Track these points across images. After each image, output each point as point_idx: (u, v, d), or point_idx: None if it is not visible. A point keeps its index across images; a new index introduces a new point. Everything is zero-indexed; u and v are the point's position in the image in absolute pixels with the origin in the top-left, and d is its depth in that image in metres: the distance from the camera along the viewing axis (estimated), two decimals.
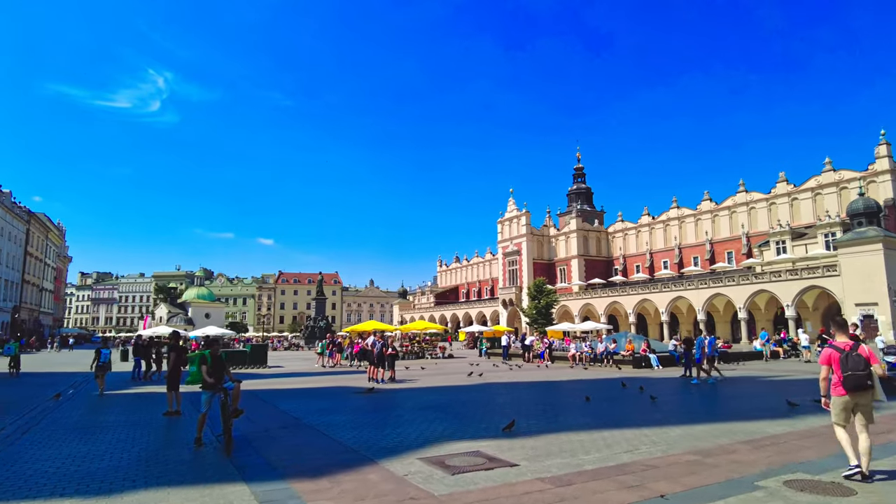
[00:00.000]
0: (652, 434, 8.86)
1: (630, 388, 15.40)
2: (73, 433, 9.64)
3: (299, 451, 7.98)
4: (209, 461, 7.43)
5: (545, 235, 78.98)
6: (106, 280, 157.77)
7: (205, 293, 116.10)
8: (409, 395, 14.98)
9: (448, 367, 26.18)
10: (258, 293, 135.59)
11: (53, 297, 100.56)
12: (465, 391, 15.76)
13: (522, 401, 13.42)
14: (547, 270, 75.42)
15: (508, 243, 79.89)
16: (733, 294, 48.08)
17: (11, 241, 73.62)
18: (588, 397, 13.11)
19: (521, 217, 77.81)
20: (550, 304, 53.58)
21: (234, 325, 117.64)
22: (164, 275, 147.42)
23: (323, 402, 13.52)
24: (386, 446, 8.18)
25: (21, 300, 77.95)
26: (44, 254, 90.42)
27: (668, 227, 67.00)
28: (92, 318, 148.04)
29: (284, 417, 11.16)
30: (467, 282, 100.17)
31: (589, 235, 75.43)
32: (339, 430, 9.53)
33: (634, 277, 66.31)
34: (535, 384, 18.14)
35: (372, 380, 18.46)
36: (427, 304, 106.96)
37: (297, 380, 20.68)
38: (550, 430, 9.37)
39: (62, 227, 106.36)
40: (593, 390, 15.32)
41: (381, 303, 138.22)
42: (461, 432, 9.25)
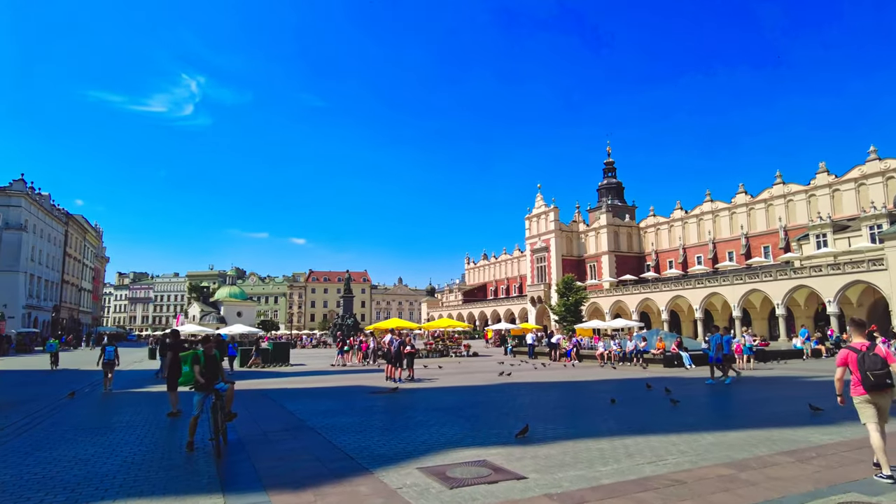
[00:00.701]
0: (680, 442, 8.02)
1: (656, 390, 14.46)
2: (69, 434, 9.28)
3: (293, 457, 7.40)
4: (194, 468, 6.91)
5: (574, 231, 77.44)
6: (142, 280, 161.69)
7: (236, 292, 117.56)
8: (424, 395, 14.35)
9: (471, 366, 25.48)
10: (289, 292, 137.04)
11: (92, 297, 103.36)
12: (483, 392, 15.05)
13: (542, 403, 12.64)
14: (576, 267, 73.96)
15: (536, 240, 78.62)
16: (770, 290, 46.11)
17: (51, 242, 75.70)
18: (614, 399, 12.26)
19: (550, 213, 76.46)
20: (579, 301, 52.32)
21: (266, 323, 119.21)
22: (198, 274, 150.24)
23: (333, 403, 12.99)
24: (386, 453, 7.54)
25: (61, 299, 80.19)
26: (82, 254, 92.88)
27: (701, 222, 64.89)
28: (129, 317, 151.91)
29: (289, 419, 10.65)
30: (495, 279, 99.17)
31: (620, 231, 73.65)
32: (341, 434, 8.94)
33: (667, 273, 64.39)
34: (558, 384, 17.30)
35: (389, 379, 17.91)
36: (455, 301, 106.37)
37: (314, 378, 20.26)
38: (568, 436, 8.60)
39: (99, 229, 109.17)
40: (619, 391, 14.46)
41: (409, 301, 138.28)
42: (471, 438, 8.57)
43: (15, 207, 63.30)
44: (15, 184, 64.32)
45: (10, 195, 63.26)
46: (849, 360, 6.08)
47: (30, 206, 65.97)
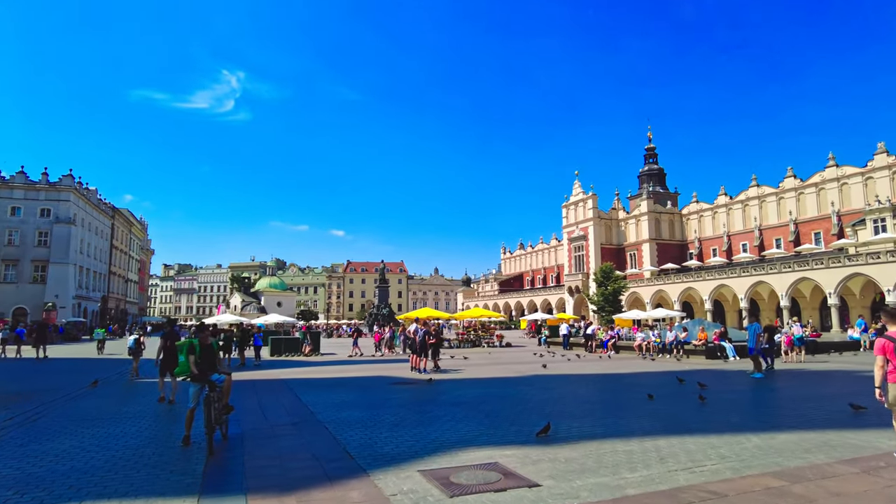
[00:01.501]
0: (721, 444, 7.09)
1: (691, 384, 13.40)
2: (71, 426, 8.97)
3: (290, 455, 6.83)
4: (181, 466, 6.39)
5: (614, 219, 75.40)
6: (186, 271, 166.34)
7: (276, 282, 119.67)
8: (446, 387, 13.66)
9: (501, 357, 24.68)
10: (328, 282, 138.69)
11: (138, 288, 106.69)
12: (508, 384, 14.27)
13: (570, 397, 11.77)
14: (616, 256, 72.04)
15: (574, 228, 76.91)
16: (822, 278, 43.60)
17: (98, 235, 78.11)
18: (651, 395, 11.31)
19: (588, 200, 74.61)
20: (618, 290, 50.75)
21: (305, 312, 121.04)
22: (240, 265, 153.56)
23: (350, 394, 12.45)
24: (391, 452, 6.90)
25: (109, 290, 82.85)
26: (128, 247, 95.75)
27: (747, 208, 62.05)
28: (174, 307, 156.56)
29: (301, 411, 10.14)
30: (532, 269, 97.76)
31: (661, 218, 71.27)
32: (348, 430, 8.35)
33: (710, 262, 61.92)
34: (590, 377, 16.36)
35: (414, 369, 17.33)
36: (491, 291, 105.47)
37: (340, 368, 19.87)
38: (595, 435, 7.77)
39: (144, 222, 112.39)
40: (656, 385, 13.49)
41: (445, 291, 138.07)
42: (486, 436, 7.84)
43: (64, 202, 65.43)
44: (64, 179, 66.45)
45: (59, 190, 65.42)
46: (886, 349, 5.96)
47: (78, 200, 68.06)
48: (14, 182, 64.36)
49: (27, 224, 63.76)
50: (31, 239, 63.69)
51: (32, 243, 63.66)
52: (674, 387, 13.21)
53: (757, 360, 16.21)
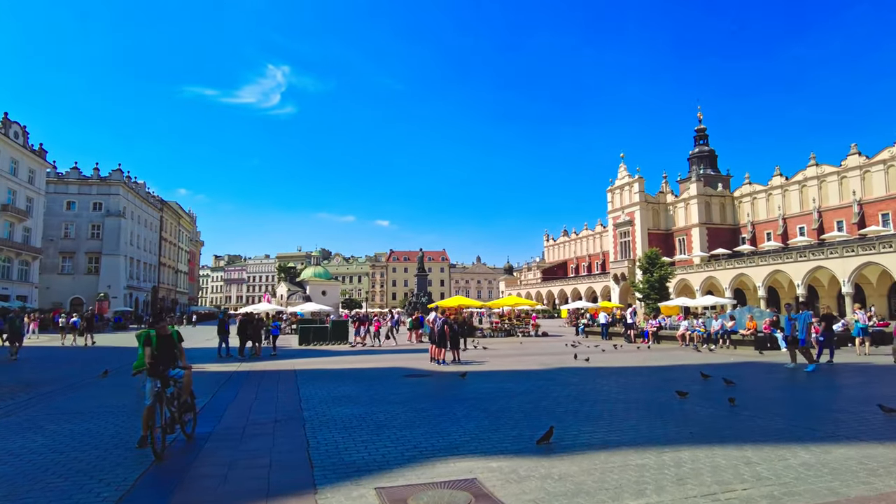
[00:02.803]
0: (759, 459, 5.78)
1: (747, 381, 11.94)
2: (45, 421, 8.42)
3: (245, 461, 5.97)
4: (115, 474, 5.56)
5: (661, 203, 72.18)
6: (236, 262, 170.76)
7: (321, 272, 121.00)
8: (458, 381, 12.58)
9: (531, 348, 23.38)
10: (371, 271, 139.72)
11: (188, 278, 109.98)
12: (528, 379, 13.05)
13: (590, 394, 10.47)
14: (664, 241, 68.97)
15: (620, 213, 74.15)
16: (891, 262, 40.13)
17: (148, 227, 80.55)
18: (684, 392, 9.94)
19: (634, 184, 71.65)
20: (665, 277, 48.36)
21: (350, 301, 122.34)
22: (286, 256, 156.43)
23: (354, 388, 11.56)
24: (358, 461, 5.92)
25: (159, 281, 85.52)
26: (177, 238, 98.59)
27: (804, 189, 58.03)
28: (224, 297, 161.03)
29: (289, 407, 9.32)
30: (576, 256, 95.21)
31: (712, 201, 67.70)
32: (327, 430, 7.44)
33: (764, 246, 58.25)
34: (622, 371, 14.95)
35: (433, 360, 16.36)
36: (533, 279, 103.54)
37: (360, 358, 19.06)
38: (605, 443, 6.57)
39: (193, 214, 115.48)
40: (692, 381, 12.04)
41: (487, 279, 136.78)
42: (478, 441, 6.75)
43: (114, 195, 67.57)
44: (113, 174, 68.59)
45: (109, 184, 67.59)
46: None
47: (127, 193, 70.16)
48: (69, 178, 66.84)
49: (81, 218, 66.17)
50: (85, 232, 66.12)
51: (86, 236, 66.08)
52: (711, 383, 11.73)
53: (808, 353, 14.52)
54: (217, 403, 9.92)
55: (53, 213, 63.44)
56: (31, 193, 54.70)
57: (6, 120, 50.49)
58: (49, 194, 61.22)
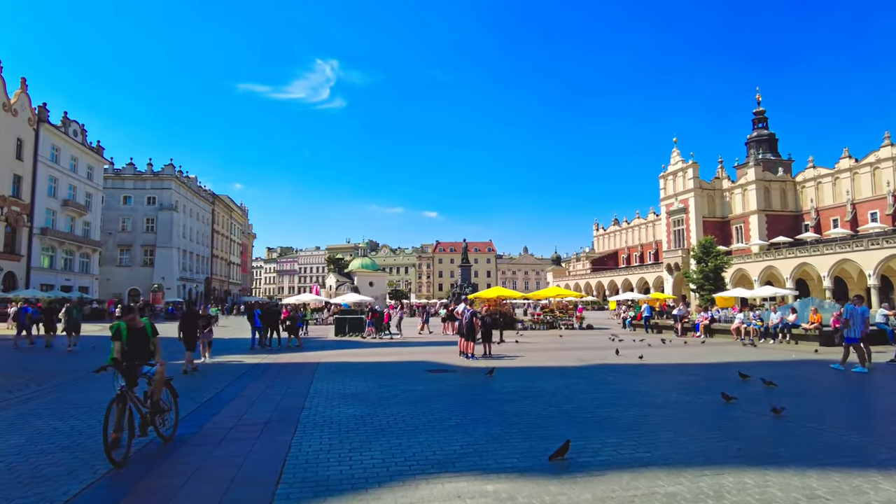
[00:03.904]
0: (827, 490, 4.58)
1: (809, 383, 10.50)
2: (44, 415, 8.00)
3: (208, 473, 5.26)
4: (58, 485, 4.94)
5: (717, 189, 68.56)
6: (288, 254, 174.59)
7: (368, 263, 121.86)
8: (483, 378, 11.62)
9: (571, 342, 22.10)
10: (418, 262, 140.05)
11: (241, 270, 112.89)
12: (560, 376, 11.93)
13: (624, 397, 9.30)
14: (719, 229, 65.56)
15: (673, 200, 70.98)
16: None
17: (200, 220, 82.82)
18: (729, 396, 8.70)
19: (688, 169, 68.33)
20: (720, 266, 45.75)
21: (396, 292, 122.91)
22: (335, 247, 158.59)
23: (369, 384, 10.79)
24: (333, 476, 5.10)
25: (212, 272, 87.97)
26: (229, 231, 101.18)
27: (876, 171, 53.65)
28: (277, 288, 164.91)
29: (290, 405, 8.64)
30: (627, 246, 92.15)
31: (771, 187, 63.76)
32: (318, 435, 6.68)
33: (830, 233, 54.29)
34: (665, 369, 13.61)
35: (462, 354, 15.47)
36: (582, 270, 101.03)
37: (389, 350, 18.37)
38: (633, 461, 5.51)
39: (244, 207, 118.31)
40: (744, 383, 10.68)
41: (535, 270, 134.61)
42: (480, 454, 5.81)
43: (166, 190, 69.68)
44: (165, 168, 70.72)
45: (162, 179, 69.71)
46: None
47: (179, 187, 72.22)
48: (125, 173, 69.31)
49: (137, 212, 68.55)
50: (141, 225, 68.50)
51: (142, 229, 68.46)
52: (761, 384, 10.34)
53: (861, 351, 12.85)
54: (220, 399, 9.36)
55: (111, 207, 65.96)
56: (90, 189, 56.86)
57: (66, 119, 52.52)
58: (107, 189, 63.61)
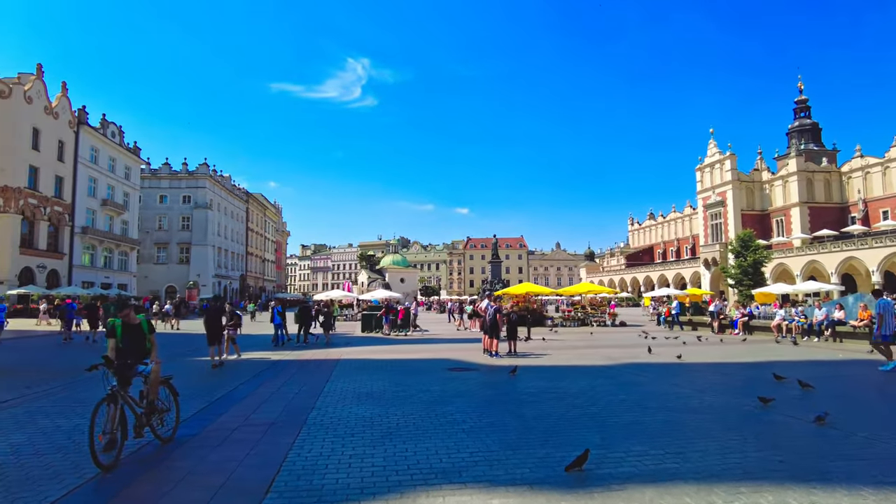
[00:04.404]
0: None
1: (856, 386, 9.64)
2: (51, 413, 7.88)
3: (196, 479, 4.94)
4: (37, 490, 4.70)
5: (756, 181, 66.14)
6: (321, 251, 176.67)
7: (399, 259, 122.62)
8: (505, 377, 11.09)
9: (603, 339, 21.35)
10: (449, 259, 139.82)
11: (275, 267, 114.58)
12: (587, 376, 11.30)
13: (654, 400, 8.63)
14: (759, 223, 63.27)
15: (710, 193, 68.83)
16: None
17: (234, 218, 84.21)
18: (767, 398, 8.01)
19: (726, 161, 66.11)
20: (760, 261, 43.97)
21: (427, 289, 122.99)
22: (367, 244, 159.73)
23: (385, 383, 10.42)
24: (324, 486, 4.71)
25: (246, 269, 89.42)
26: (263, 229, 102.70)
27: None
28: (311, 285, 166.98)
29: (302, 404, 8.31)
30: (663, 240, 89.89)
31: (814, 178, 61.11)
32: (321, 438, 6.32)
33: (880, 226, 51.66)
34: (699, 369, 12.83)
35: (486, 352, 14.98)
36: (617, 266, 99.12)
37: (413, 348, 17.99)
38: (656, 473, 4.96)
39: (278, 206, 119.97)
40: (783, 385, 9.89)
41: (568, 266, 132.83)
42: (489, 464, 5.33)
43: (201, 188, 71.00)
44: (200, 168, 72.06)
45: (196, 178, 71.06)
46: None
47: (213, 186, 73.52)
48: (161, 173, 70.88)
49: (173, 210, 70.05)
50: (177, 223, 69.98)
51: (178, 227, 69.95)
52: (817, 386, 9.55)
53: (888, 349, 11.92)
54: (232, 397, 9.12)
55: (148, 206, 67.56)
56: (128, 189, 58.26)
57: (104, 121, 53.88)
58: (143, 189, 65.15)
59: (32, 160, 42.74)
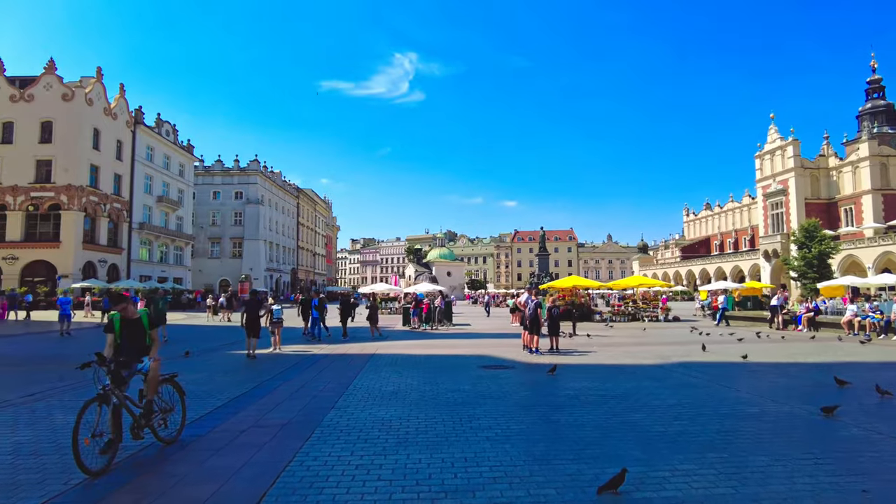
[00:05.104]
0: None
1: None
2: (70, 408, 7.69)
3: (185, 490, 4.50)
4: (16, 498, 4.37)
5: (822, 168, 62.23)
6: (370, 245, 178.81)
7: (446, 253, 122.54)
8: (543, 377, 10.30)
9: (653, 336, 20.09)
10: (496, 252, 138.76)
11: (326, 261, 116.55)
12: (631, 377, 10.36)
13: (706, 405, 7.67)
14: (825, 212, 59.55)
15: (770, 181, 65.30)
16: None
17: (286, 213, 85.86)
18: (831, 408, 7.00)
19: (788, 147, 62.49)
20: (826, 252, 41.19)
21: (474, 282, 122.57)
22: (415, 238, 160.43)
23: (413, 381, 9.85)
24: (323, 501, 4.18)
25: (297, 263, 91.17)
26: (313, 223, 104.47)
27: None
28: (361, 278, 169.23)
29: (321, 404, 7.85)
30: (720, 231, 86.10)
31: (889, 163, 56.92)
32: (331, 443, 5.82)
33: None
34: (757, 369, 11.59)
35: (526, 348, 14.22)
36: (671, 258, 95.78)
37: (451, 342, 17.42)
38: (705, 501, 4.20)
39: (328, 201, 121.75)
40: (853, 393, 8.73)
41: (619, 258, 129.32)
42: (513, 478, 4.65)
43: (252, 184, 72.59)
44: (251, 164, 73.67)
45: (248, 174, 72.70)
46: None
47: (264, 182, 75.05)
48: (213, 170, 72.85)
49: (225, 206, 71.95)
50: (230, 219, 71.87)
51: (230, 223, 71.83)
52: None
53: None
54: (254, 394, 8.77)
55: (202, 202, 69.57)
56: (182, 185, 60.09)
57: (159, 120, 55.66)
58: (197, 185, 67.09)
59: (93, 159, 44.53)
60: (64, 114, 42.64)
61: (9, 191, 41.59)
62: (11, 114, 42.59)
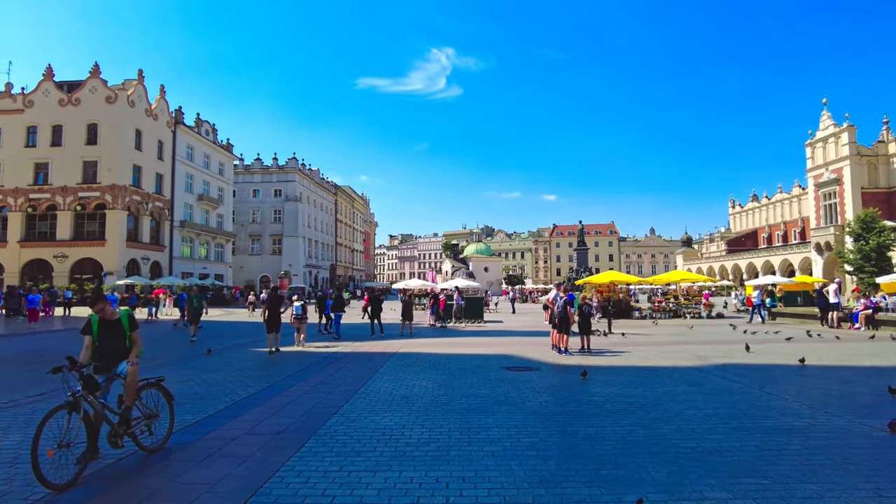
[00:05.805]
0: None
1: None
2: None
3: None
4: None
5: (881, 155, 58.50)
6: (408, 241, 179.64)
7: (483, 248, 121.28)
8: (571, 380, 9.67)
9: (693, 334, 18.88)
10: (534, 247, 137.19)
11: (364, 257, 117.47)
12: (666, 381, 9.51)
13: (746, 415, 6.83)
14: (885, 202, 56.00)
15: (822, 171, 61.90)
16: None
17: (324, 210, 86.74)
18: None
19: (842, 134, 59.03)
20: (885, 244, 38.65)
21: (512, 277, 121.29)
22: (452, 233, 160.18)
23: (430, 383, 9.32)
24: None
25: (336, 259, 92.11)
26: (351, 220, 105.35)
27: None
28: (399, 274, 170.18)
29: (326, 409, 7.41)
30: (768, 224, 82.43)
31: None
32: (322, 455, 5.34)
33: None
34: (806, 372, 10.52)
35: (555, 348, 13.49)
36: (717, 252, 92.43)
37: (476, 340, 16.82)
38: None
39: (366, 197, 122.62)
40: None
41: (662, 252, 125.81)
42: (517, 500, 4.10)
43: (291, 182, 73.51)
44: (289, 162, 74.60)
45: (286, 172, 73.66)
46: None
47: (302, 179, 75.90)
48: (253, 168, 74.08)
49: (265, 203, 73.10)
50: (269, 216, 73.00)
51: (270, 220, 72.95)
52: None
53: None
54: (259, 396, 8.41)
55: (242, 200, 70.85)
56: (222, 184, 61.19)
57: (198, 120, 56.77)
58: (237, 183, 68.31)
59: (136, 159, 45.70)
60: (108, 116, 43.89)
61: (59, 191, 43.13)
62: (60, 117, 44.16)
